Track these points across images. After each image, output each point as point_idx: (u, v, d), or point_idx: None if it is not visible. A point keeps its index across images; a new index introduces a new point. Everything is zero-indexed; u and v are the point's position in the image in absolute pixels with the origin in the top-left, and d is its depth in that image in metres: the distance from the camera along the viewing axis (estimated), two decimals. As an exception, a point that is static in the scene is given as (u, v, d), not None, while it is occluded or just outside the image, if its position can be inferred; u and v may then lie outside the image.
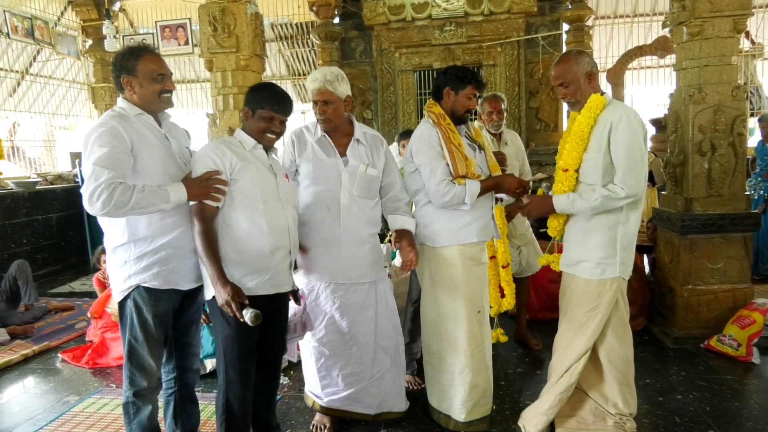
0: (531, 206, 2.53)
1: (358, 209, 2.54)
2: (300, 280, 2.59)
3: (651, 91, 9.98)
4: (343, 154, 2.56)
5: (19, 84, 8.68)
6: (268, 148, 2.29)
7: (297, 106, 10.98)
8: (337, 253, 2.51)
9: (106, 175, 1.93)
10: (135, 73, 2.11)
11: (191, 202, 2.13)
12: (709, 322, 3.66)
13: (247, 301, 2.06)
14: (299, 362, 3.58)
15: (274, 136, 2.27)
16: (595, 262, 2.37)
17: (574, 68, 2.36)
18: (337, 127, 2.57)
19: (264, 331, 2.24)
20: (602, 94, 2.37)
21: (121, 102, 2.17)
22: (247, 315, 2.02)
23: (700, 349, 3.58)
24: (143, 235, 2.12)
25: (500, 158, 3.28)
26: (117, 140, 2.00)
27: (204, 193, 2.10)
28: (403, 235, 2.59)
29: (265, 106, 2.21)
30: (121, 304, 2.20)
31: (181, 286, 2.22)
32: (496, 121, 3.61)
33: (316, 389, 2.73)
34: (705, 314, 3.69)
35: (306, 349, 2.71)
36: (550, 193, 2.52)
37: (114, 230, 2.14)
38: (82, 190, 1.97)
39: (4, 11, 6.83)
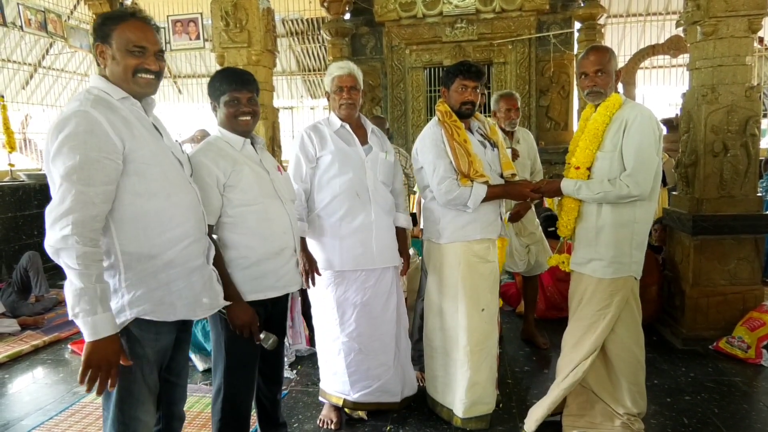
0: (544, 188, 2.54)
1: (382, 194, 2.62)
2: (326, 273, 2.59)
3: (663, 91, 9.91)
4: (363, 142, 2.62)
5: (31, 77, 8.75)
6: (255, 141, 2.21)
7: (307, 101, 10.99)
8: (371, 238, 2.56)
9: (79, 201, 1.47)
10: (109, 40, 1.63)
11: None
12: (718, 323, 3.64)
13: (258, 324, 2.06)
14: (306, 357, 3.62)
15: (248, 117, 2.11)
16: (608, 261, 2.36)
17: (612, 61, 2.37)
18: (353, 117, 2.61)
19: (268, 330, 2.18)
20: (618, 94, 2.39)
21: (97, 80, 1.66)
22: (269, 341, 2.09)
23: (709, 351, 3.55)
24: (138, 253, 1.61)
25: (513, 154, 3.31)
26: (98, 140, 1.51)
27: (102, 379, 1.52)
28: (399, 235, 2.75)
29: (225, 90, 2.09)
30: None
31: (192, 315, 1.77)
32: (513, 119, 3.61)
33: (342, 387, 2.71)
34: (714, 316, 3.66)
35: (332, 347, 2.69)
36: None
37: None
38: (47, 210, 1.49)
39: (18, 4, 6.89)
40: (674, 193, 4.07)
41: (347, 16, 7.19)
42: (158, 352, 1.72)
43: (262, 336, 2.09)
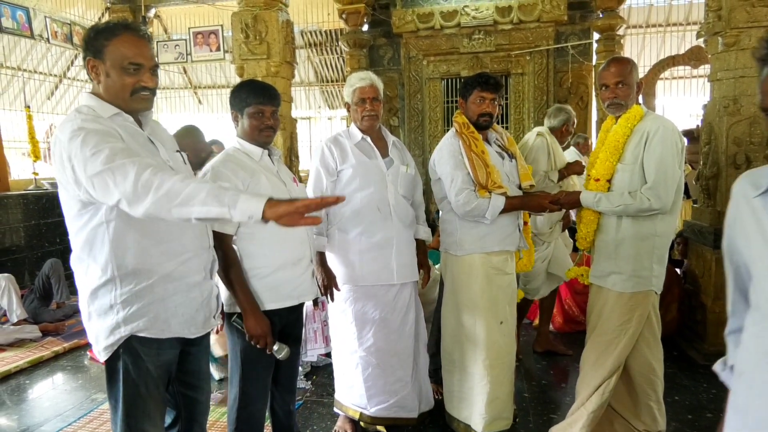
0: (563, 199, 2.51)
1: (403, 208, 2.60)
2: (345, 288, 2.59)
3: (683, 102, 9.79)
4: (384, 155, 2.60)
5: (56, 87, 8.94)
6: (272, 152, 2.23)
7: (325, 112, 11.07)
8: (391, 254, 2.55)
9: (132, 164, 1.39)
10: (102, 56, 1.56)
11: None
12: (741, 339, 3.56)
13: (272, 335, 2.08)
14: (321, 367, 3.61)
15: (270, 132, 2.14)
16: (628, 274, 2.32)
17: (633, 73, 2.35)
18: (374, 129, 2.61)
19: (282, 340, 2.18)
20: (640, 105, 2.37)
21: (87, 98, 1.61)
22: (282, 352, 2.09)
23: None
24: (133, 267, 1.59)
25: (579, 169, 3.46)
26: (109, 136, 1.49)
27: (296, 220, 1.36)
28: (419, 247, 2.73)
29: (251, 102, 2.10)
30: (110, 363, 1.64)
31: (186, 333, 1.72)
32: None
33: (359, 400, 2.70)
34: (737, 331, 3.58)
35: (349, 360, 2.68)
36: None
37: (91, 265, 1.59)
38: (108, 198, 1.43)
39: (45, 17, 7.06)
40: (695, 205, 4.01)
41: (365, 28, 7.24)
42: (160, 367, 1.69)
43: (275, 348, 2.10)
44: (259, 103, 2.11)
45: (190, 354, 1.81)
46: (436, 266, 3.38)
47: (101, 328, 1.60)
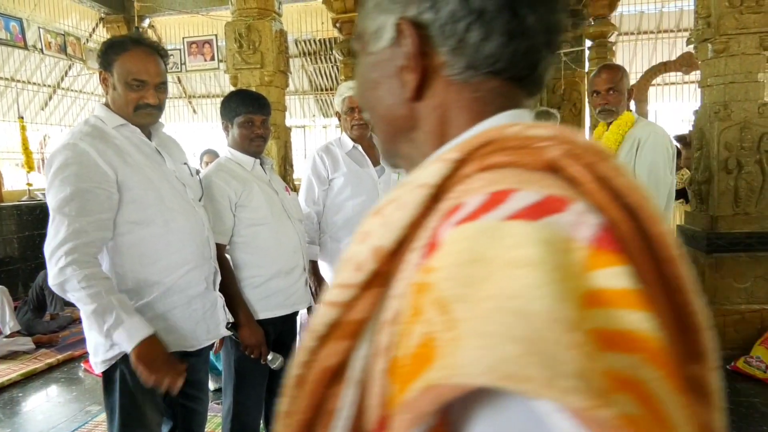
0: None
1: None
2: None
3: (676, 107, 9.87)
4: (376, 163, 2.60)
5: (50, 98, 8.93)
6: (264, 162, 2.23)
7: (319, 120, 11.09)
8: None
9: (66, 230, 1.47)
10: (111, 69, 1.62)
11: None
12: (735, 343, 3.58)
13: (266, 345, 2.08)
14: (318, 376, 3.60)
15: (261, 141, 2.14)
16: None
17: (624, 80, 2.37)
18: (365, 137, 2.61)
19: (276, 349, 2.17)
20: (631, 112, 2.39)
21: (98, 109, 1.67)
22: (277, 362, 2.08)
23: (726, 371, 3.48)
24: (134, 286, 1.60)
25: None
26: (88, 171, 1.51)
27: (161, 379, 1.54)
28: None
29: (240, 112, 2.10)
30: (108, 372, 1.63)
31: (186, 346, 1.71)
32: None
33: None
34: (731, 335, 3.60)
35: None
36: None
37: None
38: (44, 247, 1.51)
39: (39, 28, 7.07)
40: (687, 210, 4.04)
41: (359, 37, 7.28)
42: None
43: (269, 357, 2.09)
44: (249, 112, 2.11)
45: (190, 364, 1.78)
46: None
47: (101, 341, 1.60)
